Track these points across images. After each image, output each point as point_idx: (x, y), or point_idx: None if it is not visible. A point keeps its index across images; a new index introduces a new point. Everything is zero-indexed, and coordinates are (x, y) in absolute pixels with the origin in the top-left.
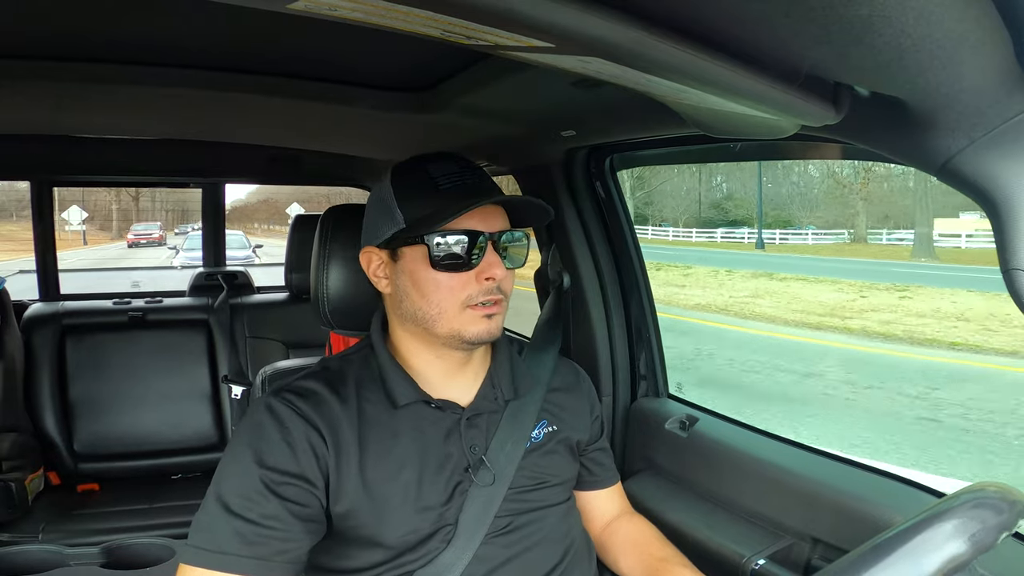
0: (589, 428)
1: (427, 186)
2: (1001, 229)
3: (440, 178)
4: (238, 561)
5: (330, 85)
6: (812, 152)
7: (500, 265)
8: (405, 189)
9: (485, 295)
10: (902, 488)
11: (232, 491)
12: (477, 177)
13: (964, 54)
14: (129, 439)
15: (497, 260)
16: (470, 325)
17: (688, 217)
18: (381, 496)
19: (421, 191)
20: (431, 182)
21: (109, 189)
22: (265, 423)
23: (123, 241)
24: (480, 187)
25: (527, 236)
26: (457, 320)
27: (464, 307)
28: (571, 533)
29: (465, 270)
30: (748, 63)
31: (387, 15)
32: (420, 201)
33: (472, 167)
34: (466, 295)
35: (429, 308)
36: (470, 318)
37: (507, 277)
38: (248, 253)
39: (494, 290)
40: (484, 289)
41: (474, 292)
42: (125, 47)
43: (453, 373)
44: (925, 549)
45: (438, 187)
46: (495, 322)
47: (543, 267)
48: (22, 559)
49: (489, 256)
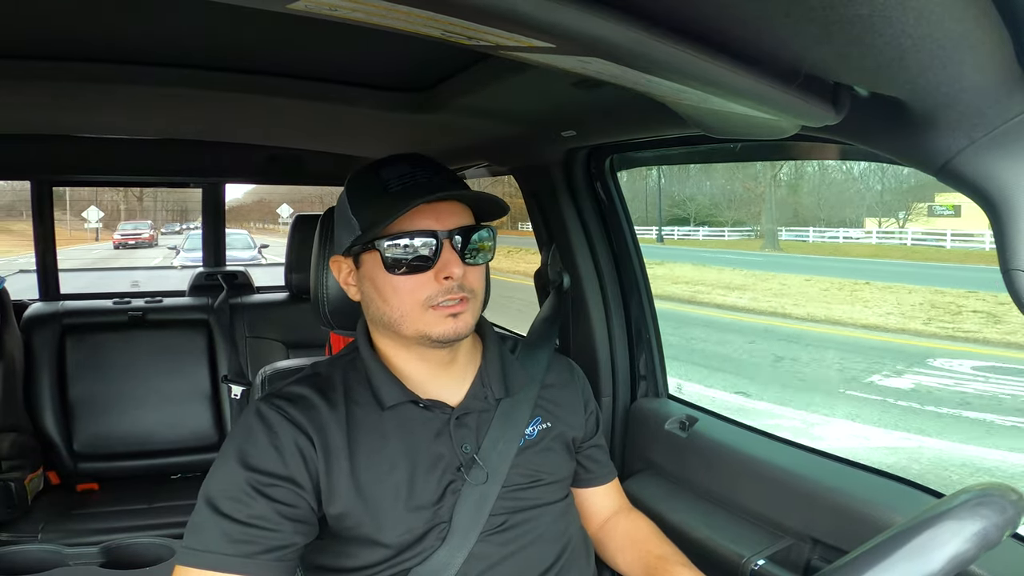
0: (584, 424)
1: (377, 189)
2: (1001, 229)
3: (391, 180)
4: (228, 560)
5: (330, 85)
6: (812, 152)
7: (457, 263)
8: (358, 195)
9: (445, 295)
10: (902, 488)
11: (221, 493)
12: (429, 174)
13: (964, 54)
14: (129, 439)
15: (454, 258)
16: (435, 325)
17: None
18: (373, 497)
19: (371, 195)
20: (381, 185)
21: (117, 189)
22: (254, 427)
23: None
24: (431, 184)
25: (492, 230)
26: (421, 321)
27: (426, 308)
28: (568, 531)
29: (422, 271)
30: (748, 63)
31: (388, 15)
32: (371, 206)
33: (427, 165)
34: (426, 296)
35: (392, 312)
36: (434, 318)
37: (471, 274)
38: (253, 254)
39: (454, 289)
40: (444, 289)
41: (433, 292)
42: (125, 47)
43: (438, 373)
44: (931, 547)
45: (387, 189)
46: (462, 321)
47: (543, 267)
48: (21, 559)
49: (446, 255)
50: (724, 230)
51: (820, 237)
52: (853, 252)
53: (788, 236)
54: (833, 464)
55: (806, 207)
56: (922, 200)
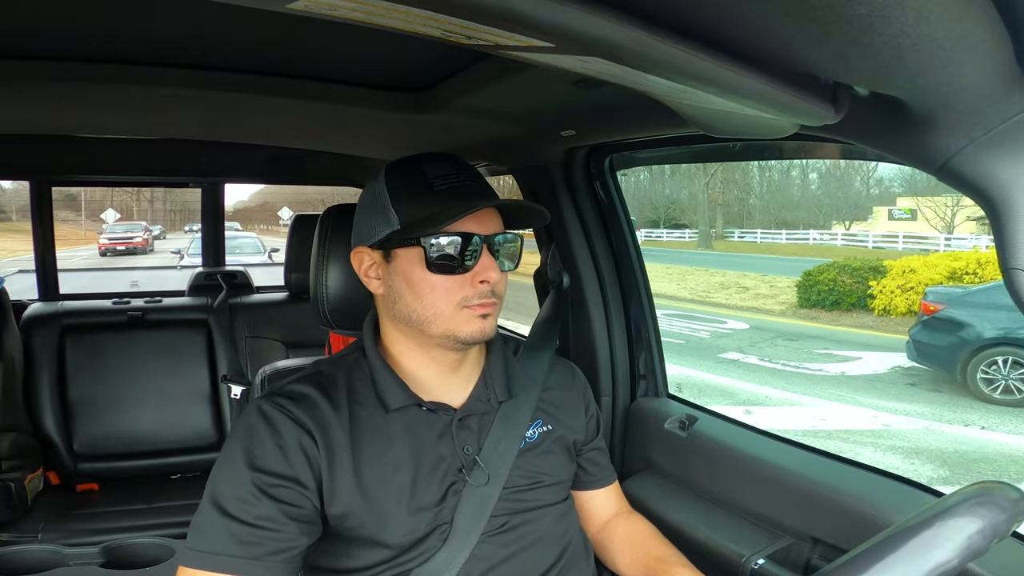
0: (585, 427)
1: (422, 187)
2: (1000, 229)
3: (436, 179)
4: (234, 562)
5: (330, 85)
6: (811, 152)
7: (495, 268)
8: (400, 189)
9: (480, 298)
10: (902, 488)
11: (226, 494)
12: (472, 178)
13: (963, 54)
14: (128, 439)
15: (492, 263)
16: (465, 325)
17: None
18: (376, 498)
19: (416, 191)
20: (426, 183)
21: (128, 190)
22: (257, 427)
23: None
24: (476, 189)
25: (521, 238)
26: (452, 321)
27: (459, 308)
28: (569, 533)
29: (460, 272)
30: (748, 63)
31: (387, 15)
32: (415, 202)
33: (467, 168)
34: (461, 297)
35: (424, 310)
36: (465, 318)
37: (501, 280)
38: (263, 259)
39: (488, 293)
40: (479, 292)
41: (469, 294)
42: (125, 47)
43: (446, 375)
44: (930, 546)
45: (433, 188)
46: (489, 322)
47: (543, 267)
48: (21, 559)
49: (484, 259)
50: (667, 231)
51: (768, 238)
52: (776, 251)
53: (749, 238)
54: (833, 464)
55: (765, 211)
56: (883, 204)
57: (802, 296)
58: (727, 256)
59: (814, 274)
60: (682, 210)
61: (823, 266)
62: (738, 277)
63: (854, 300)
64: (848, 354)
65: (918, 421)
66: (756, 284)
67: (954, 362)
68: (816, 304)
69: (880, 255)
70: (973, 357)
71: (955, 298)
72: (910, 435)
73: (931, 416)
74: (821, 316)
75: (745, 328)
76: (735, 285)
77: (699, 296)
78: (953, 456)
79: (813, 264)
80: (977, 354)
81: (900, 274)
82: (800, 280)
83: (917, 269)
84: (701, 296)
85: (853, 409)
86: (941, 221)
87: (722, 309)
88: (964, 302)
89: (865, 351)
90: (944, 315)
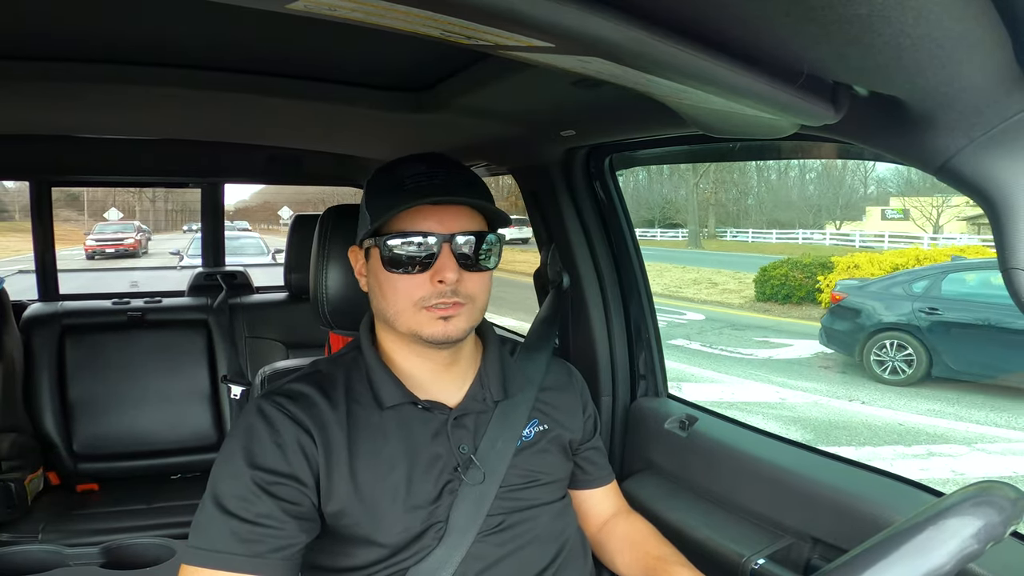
0: (582, 427)
1: (392, 186)
2: (1000, 229)
3: (407, 178)
4: (236, 560)
5: (330, 85)
6: (811, 152)
7: (453, 268)
8: (374, 189)
9: (438, 298)
10: (902, 488)
11: (227, 492)
12: (445, 176)
13: (963, 54)
14: (128, 439)
15: (450, 263)
16: (426, 326)
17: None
18: (371, 497)
19: (386, 191)
20: (397, 182)
21: (131, 190)
22: (256, 426)
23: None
24: (444, 186)
25: (497, 238)
26: (414, 320)
27: (419, 308)
28: (565, 532)
29: (418, 272)
30: (748, 63)
31: (387, 15)
32: (384, 201)
33: (447, 167)
34: (420, 297)
35: (388, 308)
36: (426, 319)
37: (471, 280)
38: (267, 260)
39: (447, 293)
40: (437, 292)
41: (427, 294)
42: (125, 47)
43: (439, 373)
44: (930, 545)
45: (401, 187)
46: (453, 324)
47: (542, 267)
48: (21, 559)
49: (443, 259)
50: (662, 231)
51: (760, 238)
52: (766, 250)
53: (742, 238)
54: (833, 464)
55: (760, 211)
56: (879, 205)
57: (758, 291)
58: (714, 255)
59: (769, 270)
60: (677, 210)
61: (777, 262)
62: (711, 274)
63: (803, 294)
64: (782, 341)
65: (810, 396)
66: (726, 280)
67: (853, 345)
68: (770, 298)
69: (840, 252)
70: (867, 341)
71: (855, 289)
72: (798, 407)
73: (824, 392)
74: (774, 309)
75: (700, 319)
76: (706, 281)
77: (670, 291)
78: (823, 424)
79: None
80: (870, 338)
81: (845, 269)
82: (757, 276)
83: (861, 265)
84: (672, 291)
85: (762, 386)
86: (928, 221)
87: (686, 303)
88: (862, 292)
89: (799, 339)
90: (845, 303)
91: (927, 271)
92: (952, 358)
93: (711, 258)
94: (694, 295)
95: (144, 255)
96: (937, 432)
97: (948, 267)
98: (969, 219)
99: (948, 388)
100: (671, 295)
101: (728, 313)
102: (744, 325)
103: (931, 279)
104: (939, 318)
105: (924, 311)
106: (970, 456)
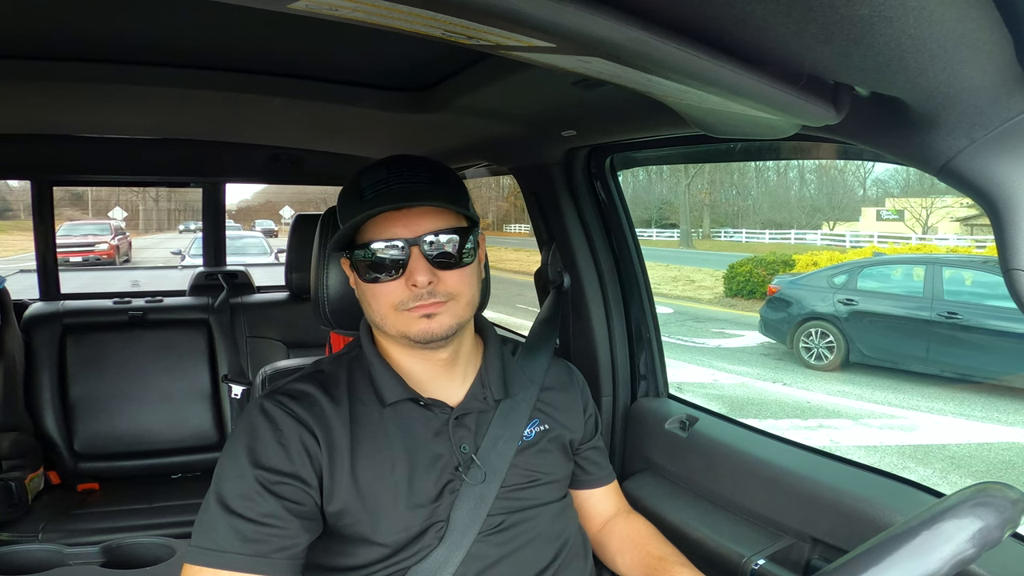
0: (582, 427)
1: (355, 197)
2: (1001, 229)
3: (366, 189)
4: (240, 559)
5: (330, 85)
6: (812, 152)
7: (424, 270)
8: (341, 201)
9: (416, 300)
10: (902, 488)
11: (231, 491)
12: (404, 180)
13: (964, 54)
14: (129, 438)
15: (421, 265)
16: (411, 325)
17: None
18: (372, 495)
19: (350, 203)
20: (358, 193)
21: (135, 189)
22: (259, 425)
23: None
24: (403, 191)
25: (469, 233)
26: (399, 322)
27: (400, 311)
28: (566, 532)
29: (391, 278)
30: (749, 63)
31: (388, 15)
32: (347, 213)
33: (406, 169)
34: (398, 301)
35: (374, 314)
36: (409, 319)
37: (448, 278)
38: (270, 260)
39: (423, 295)
40: (413, 295)
41: (405, 298)
42: (125, 47)
43: (438, 372)
44: (930, 546)
45: (362, 198)
46: (437, 322)
47: (543, 267)
48: (22, 558)
49: (414, 261)
50: (657, 231)
51: (753, 238)
52: (758, 250)
53: (737, 238)
54: (833, 464)
55: (754, 211)
56: (876, 206)
57: (727, 287)
58: (703, 254)
59: (736, 267)
60: (673, 210)
61: (744, 260)
62: (691, 272)
63: (765, 289)
64: (735, 332)
65: (740, 378)
66: (704, 278)
67: (785, 334)
68: (736, 293)
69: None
70: (796, 330)
71: (786, 282)
72: (726, 387)
73: (754, 376)
74: (739, 303)
75: (669, 312)
76: (685, 279)
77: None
78: (740, 400)
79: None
80: (799, 328)
81: (804, 267)
82: (725, 273)
83: (820, 262)
84: (650, 288)
85: (702, 369)
86: (917, 222)
87: (661, 298)
88: (792, 284)
89: (752, 331)
90: (778, 295)
91: (847, 266)
92: (865, 345)
93: (698, 257)
94: (670, 291)
95: (126, 264)
96: (835, 409)
97: (865, 262)
98: (962, 219)
99: (862, 373)
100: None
101: (697, 307)
102: (707, 318)
103: (850, 273)
104: (855, 308)
105: (843, 302)
106: (852, 429)
